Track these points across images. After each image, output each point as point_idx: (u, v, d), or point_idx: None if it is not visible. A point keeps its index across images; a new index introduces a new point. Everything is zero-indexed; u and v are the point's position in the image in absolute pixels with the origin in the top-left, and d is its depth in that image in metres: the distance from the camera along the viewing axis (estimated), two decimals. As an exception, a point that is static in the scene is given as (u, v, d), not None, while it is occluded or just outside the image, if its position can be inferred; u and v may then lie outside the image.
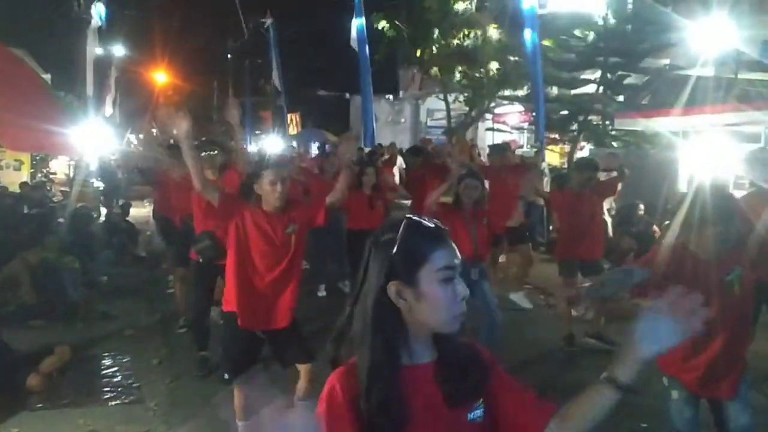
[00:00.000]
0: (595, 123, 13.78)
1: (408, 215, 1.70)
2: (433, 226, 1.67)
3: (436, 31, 15.98)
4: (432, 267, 1.59)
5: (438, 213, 5.66)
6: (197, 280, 6.10)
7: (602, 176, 7.36)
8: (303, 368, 4.23)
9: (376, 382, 1.59)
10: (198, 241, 5.78)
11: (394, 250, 1.61)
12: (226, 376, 4.19)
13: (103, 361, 6.19)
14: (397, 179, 12.40)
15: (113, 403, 5.30)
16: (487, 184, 9.28)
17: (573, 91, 14.17)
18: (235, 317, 4.09)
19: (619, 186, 7.19)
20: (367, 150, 12.89)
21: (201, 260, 5.79)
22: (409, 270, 1.60)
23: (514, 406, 1.71)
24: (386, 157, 14.07)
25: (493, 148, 9.98)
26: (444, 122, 19.63)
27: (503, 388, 1.72)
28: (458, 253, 1.65)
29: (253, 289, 4.04)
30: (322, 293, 8.78)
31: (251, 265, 4.03)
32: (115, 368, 6.03)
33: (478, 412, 1.67)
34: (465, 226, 5.64)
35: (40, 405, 5.15)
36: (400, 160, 14.18)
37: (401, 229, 1.63)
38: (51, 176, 20.37)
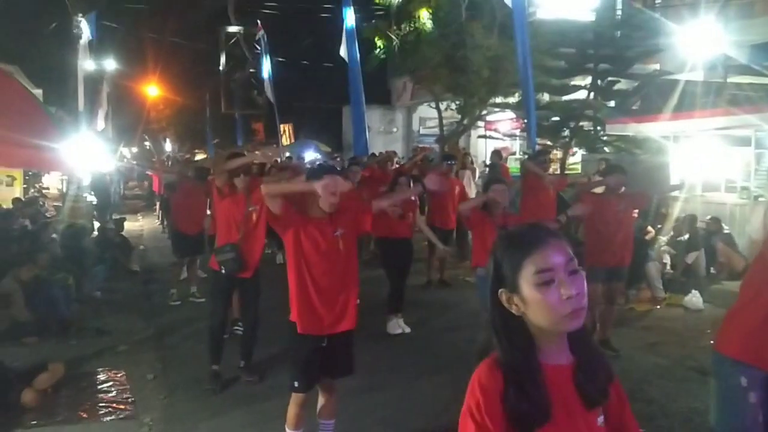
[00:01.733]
0: (586, 129, 13.84)
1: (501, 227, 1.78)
2: (523, 233, 1.72)
3: (426, 40, 16.02)
4: (528, 273, 1.62)
5: (470, 218, 5.96)
6: (216, 291, 6.13)
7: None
8: (333, 385, 4.34)
9: (516, 376, 1.63)
10: (221, 252, 5.83)
11: (494, 260, 1.71)
12: (296, 384, 4.16)
13: (97, 377, 6.15)
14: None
15: (108, 419, 5.27)
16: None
17: (564, 98, 14.23)
18: (297, 327, 4.13)
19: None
20: (365, 158, 12.80)
21: (223, 271, 5.82)
22: (510, 277, 1.66)
23: (620, 418, 1.77)
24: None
25: (536, 154, 9.89)
26: (436, 130, 19.67)
27: (619, 397, 1.78)
28: (559, 253, 1.64)
29: (312, 293, 4.10)
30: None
31: (309, 272, 4.10)
32: (110, 384, 6.00)
33: (602, 417, 1.72)
34: (493, 229, 5.71)
35: (34, 422, 5.12)
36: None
37: (497, 240, 1.74)
38: (44, 191, 20.33)
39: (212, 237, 7.03)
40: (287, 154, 18.94)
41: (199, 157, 26.40)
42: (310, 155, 19.96)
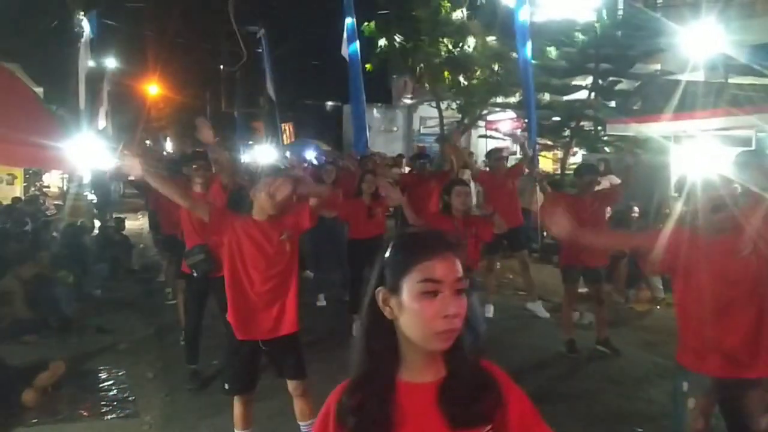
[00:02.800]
0: (587, 129, 13.83)
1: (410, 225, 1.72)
2: (422, 237, 1.63)
3: (427, 40, 16.01)
4: (414, 278, 1.54)
5: (428, 221, 5.69)
6: (190, 294, 6.08)
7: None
8: (293, 384, 4.25)
9: (361, 393, 1.57)
10: (191, 254, 5.75)
11: (386, 257, 1.61)
12: (227, 386, 4.17)
13: (98, 376, 6.17)
14: None
15: (108, 417, 5.29)
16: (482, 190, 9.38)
17: (565, 98, 14.22)
18: (232, 330, 4.10)
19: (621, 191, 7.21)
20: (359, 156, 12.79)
21: (195, 274, 5.75)
22: (394, 278, 1.57)
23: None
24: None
25: (490, 153, 9.96)
26: (437, 130, 19.66)
27: (514, 416, 1.63)
28: (451, 269, 1.55)
29: (250, 299, 4.04)
30: (321, 303, 8.76)
31: (247, 276, 4.03)
32: (110, 382, 6.02)
33: None
34: (456, 233, 5.63)
35: (35, 420, 5.14)
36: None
37: (394, 237, 1.64)
38: (44, 190, 20.30)
39: None
40: (287, 153, 18.91)
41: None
42: (311, 154, 19.92)
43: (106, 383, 5.99)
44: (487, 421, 1.58)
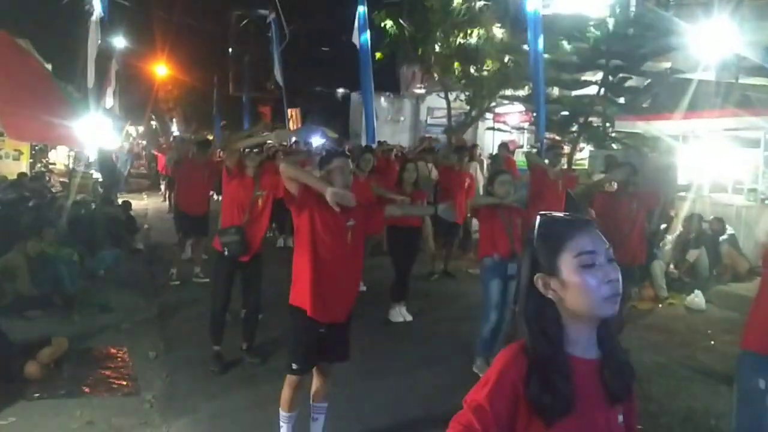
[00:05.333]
0: (595, 125, 13.79)
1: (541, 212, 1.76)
2: (564, 218, 1.73)
3: (438, 30, 15.96)
4: (569, 254, 1.64)
5: (477, 211, 5.97)
6: (218, 272, 6.10)
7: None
8: (328, 367, 4.36)
9: (542, 366, 1.65)
10: (226, 233, 5.84)
11: (535, 245, 1.70)
12: (294, 366, 4.18)
13: (100, 353, 6.19)
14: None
15: (110, 395, 5.31)
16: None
17: (574, 93, 14.19)
18: (302, 311, 4.12)
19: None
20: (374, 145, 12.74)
21: (226, 253, 5.82)
22: (549, 261, 1.67)
23: (630, 417, 1.78)
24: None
25: (547, 148, 9.79)
26: (444, 121, 19.62)
27: (633, 397, 1.79)
28: (600, 239, 1.67)
29: (324, 279, 4.09)
30: (362, 288, 8.75)
31: (321, 257, 4.08)
32: (112, 361, 6.04)
33: (622, 415, 1.73)
34: (501, 222, 5.76)
35: (37, 395, 5.16)
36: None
37: (536, 224, 1.74)
38: (50, 167, 20.34)
39: None
40: (294, 139, 18.90)
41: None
42: (317, 141, 19.89)
43: (107, 361, 6.01)
44: (630, 395, 1.76)
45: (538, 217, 1.74)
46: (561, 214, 1.76)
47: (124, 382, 5.56)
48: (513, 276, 5.71)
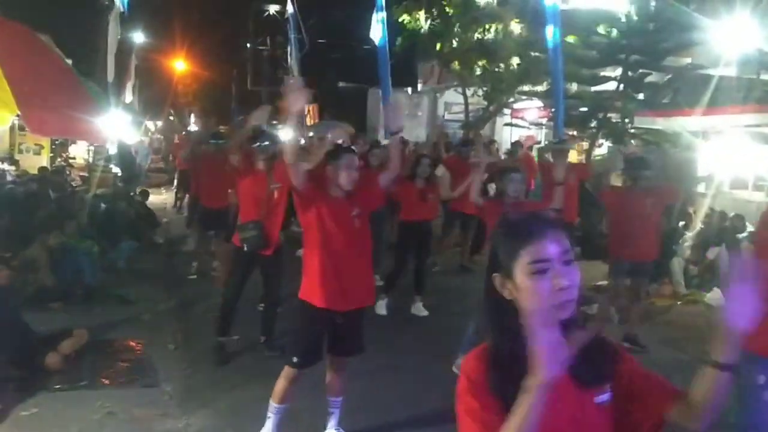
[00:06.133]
0: (614, 121, 13.69)
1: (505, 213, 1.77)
2: (521, 222, 1.73)
3: (457, 25, 15.91)
4: (524, 260, 1.63)
5: (482, 207, 5.80)
6: (236, 266, 6.16)
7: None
8: (342, 361, 4.41)
9: (502, 360, 1.67)
10: (245, 229, 5.88)
11: (495, 244, 1.73)
12: (295, 359, 4.21)
13: (120, 345, 6.26)
14: None
15: (130, 386, 5.36)
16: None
17: (593, 88, 14.08)
18: (310, 305, 4.15)
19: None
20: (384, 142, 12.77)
21: (246, 248, 5.86)
22: (506, 262, 1.68)
23: (640, 389, 1.78)
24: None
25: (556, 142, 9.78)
26: (461, 116, 19.56)
27: (632, 372, 1.79)
28: (556, 244, 1.65)
29: (335, 269, 4.14)
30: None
31: (331, 247, 4.15)
32: (132, 352, 6.11)
33: (605, 396, 1.73)
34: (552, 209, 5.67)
35: (58, 386, 5.22)
36: None
37: (496, 226, 1.76)
38: (70, 161, 20.51)
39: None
40: (310, 134, 18.91)
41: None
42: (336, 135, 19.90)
43: (127, 353, 6.08)
44: (607, 380, 1.74)
45: (501, 217, 1.74)
46: (523, 215, 1.75)
47: (144, 374, 5.61)
48: None
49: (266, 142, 5.92)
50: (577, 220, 9.40)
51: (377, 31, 14.15)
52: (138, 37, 23.03)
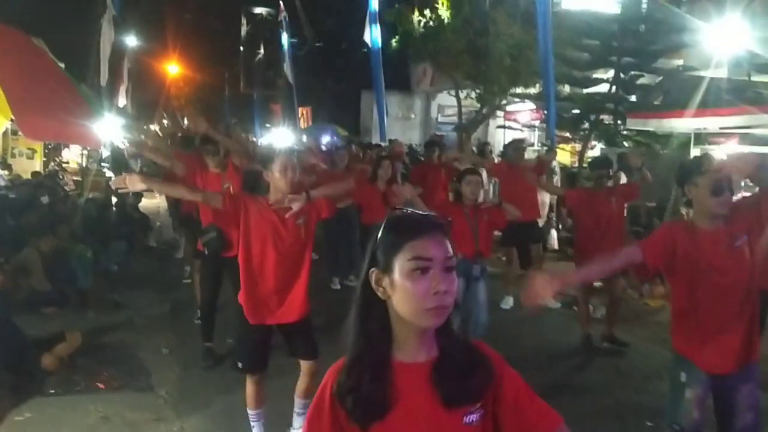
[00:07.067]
0: (606, 122, 13.74)
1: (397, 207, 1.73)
2: (411, 217, 1.67)
3: (450, 26, 15.93)
4: (405, 256, 1.58)
5: (439, 209, 5.60)
6: (204, 272, 6.16)
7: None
8: (306, 364, 4.30)
9: (356, 372, 1.62)
10: (204, 232, 5.82)
11: (377, 238, 1.66)
12: (240, 365, 4.23)
13: (114, 349, 6.26)
14: None
15: (124, 390, 5.36)
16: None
17: (585, 90, 14.14)
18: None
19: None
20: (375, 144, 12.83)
21: (207, 252, 5.82)
22: (386, 257, 1.62)
23: (516, 413, 1.67)
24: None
25: (509, 144, 9.86)
26: (455, 119, 19.60)
27: (509, 392, 1.68)
28: (441, 247, 1.60)
29: (261, 283, 4.02)
30: (336, 286, 8.81)
31: (260, 261, 4.00)
32: (126, 356, 6.10)
33: (474, 416, 1.63)
34: (466, 222, 5.58)
35: (52, 390, 5.22)
36: None
37: (385, 218, 1.68)
38: (63, 165, 20.45)
39: None
40: (303, 137, 18.94)
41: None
42: (327, 139, 19.93)
43: (121, 357, 6.07)
44: (478, 398, 1.64)
45: (389, 212, 1.69)
46: (413, 212, 1.70)
47: (138, 378, 5.61)
48: (478, 278, 5.60)
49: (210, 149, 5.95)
50: (540, 218, 9.35)
51: (370, 34, 14.25)
52: (131, 40, 23.00)
